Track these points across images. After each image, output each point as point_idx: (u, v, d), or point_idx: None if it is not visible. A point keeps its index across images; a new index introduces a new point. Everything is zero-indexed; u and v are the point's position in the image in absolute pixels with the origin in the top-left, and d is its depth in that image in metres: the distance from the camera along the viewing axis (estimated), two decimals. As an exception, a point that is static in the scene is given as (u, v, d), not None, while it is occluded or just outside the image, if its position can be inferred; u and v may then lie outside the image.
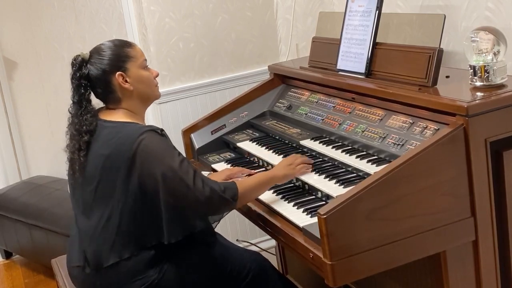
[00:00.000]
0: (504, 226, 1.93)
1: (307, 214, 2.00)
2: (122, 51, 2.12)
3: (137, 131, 2.02)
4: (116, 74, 2.09)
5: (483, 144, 1.83)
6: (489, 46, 1.93)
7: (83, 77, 2.09)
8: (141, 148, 1.98)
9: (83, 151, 2.06)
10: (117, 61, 2.10)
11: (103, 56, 2.10)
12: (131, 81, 2.11)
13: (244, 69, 3.51)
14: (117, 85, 2.10)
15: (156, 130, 2.04)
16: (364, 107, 2.30)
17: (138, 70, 2.13)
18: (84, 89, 2.09)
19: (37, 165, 4.49)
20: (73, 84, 2.11)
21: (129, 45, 2.16)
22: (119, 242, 2.03)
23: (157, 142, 2.01)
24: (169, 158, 1.99)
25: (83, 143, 2.06)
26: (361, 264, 1.73)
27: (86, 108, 2.09)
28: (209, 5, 3.36)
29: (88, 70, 2.09)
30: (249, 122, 2.86)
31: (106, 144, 2.04)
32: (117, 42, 2.16)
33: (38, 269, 3.97)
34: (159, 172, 1.97)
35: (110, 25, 3.66)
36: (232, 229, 3.50)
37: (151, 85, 2.19)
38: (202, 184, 1.98)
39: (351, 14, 2.47)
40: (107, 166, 2.02)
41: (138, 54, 2.15)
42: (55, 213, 3.61)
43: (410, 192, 1.76)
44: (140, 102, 2.16)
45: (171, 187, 1.98)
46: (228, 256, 2.20)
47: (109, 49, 2.12)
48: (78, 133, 2.07)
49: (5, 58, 4.34)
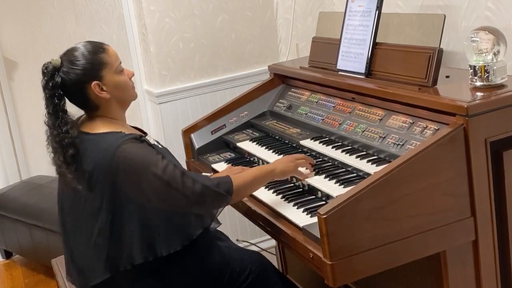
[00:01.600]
0: (504, 226, 1.93)
1: (307, 214, 2.00)
2: (96, 58, 2.01)
3: (115, 142, 1.95)
4: (92, 84, 2.00)
5: (483, 144, 1.83)
6: (489, 46, 1.93)
7: (56, 87, 1.98)
8: (122, 161, 1.92)
9: (71, 165, 1.97)
10: (92, 70, 2.00)
11: (77, 65, 1.99)
12: (108, 89, 2.02)
13: (244, 69, 3.51)
14: (93, 94, 2.01)
15: (135, 137, 1.98)
16: (364, 107, 2.30)
17: (113, 76, 2.03)
18: (58, 99, 1.99)
19: (37, 165, 4.49)
20: (46, 94, 2.01)
21: (103, 50, 2.04)
22: (111, 258, 1.98)
23: (137, 152, 1.94)
24: (152, 166, 1.92)
25: (69, 157, 1.96)
26: (361, 264, 1.73)
27: (63, 119, 1.98)
28: (209, 5, 3.36)
29: (61, 78, 1.99)
30: (249, 122, 2.86)
31: (87, 159, 1.96)
32: (90, 48, 2.03)
33: (38, 269, 3.97)
34: (146, 185, 1.92)
35: (110, 25, 3.66)
36: (232, 229, 3.50)
37: (128, 88, 2.10)
38: (192, 182, 1.94)
39: (351, 14, 2.47)
40: (92, 183, 1.96)
41: (113, 58, 2.05)
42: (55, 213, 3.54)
43: (410, 192, 1.76)
44: (118, 107, 2.09)
45: (160, 194, 1.93)
46: (228, 257, 2.20)
47: (82, 57, 2.00)
48: (60, 146, 1.97)
49: (5, 58, 4.35)
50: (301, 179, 2.18)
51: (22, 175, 4.46)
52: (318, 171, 2.21)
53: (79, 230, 2.06)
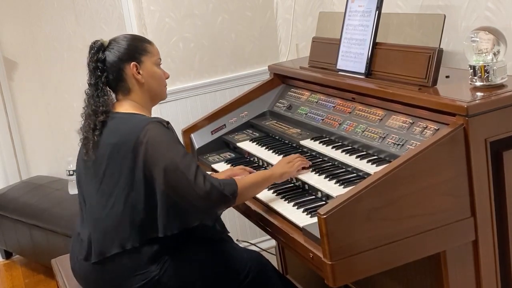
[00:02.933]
0: (504, 226, 1.93)
1: (307, 214, 2.00)
2: (141, 44, 2.20)
3: (144, 121, 2.07)
4: (131, 64, 2.15)
5: (483, 144, 1.83)
6: (489, 46, 1.93)
7: (100, 61, 2.14)
8: (147, 138, 2.02)
9: (98, 130, 2.10)
10: (134, 52, 2.17)
11: (122, 45, 2.17)
12: (144, 74, 2.17)
13: (244, 69, 3.51)
14: (129, 74, 2.16)
15: (162, 122, 2.08)
16: (364, 107, 2.30)
17: (152, 65, 2.19)
18: (100, 71, 2.14)
19: (37, 165, 4.49)
20: (90, 66, 2.16)
21: (148, 42, 2.23)
22: (121, 232, 2.05)
23: (162, 134, 2.05)
24: (172, 151, 2.02)
25: (99, 123, 2.10)
26: (361, 264, 1.73)
27: (102, 90, 2.14)
28: (209, 5, 3.36)
29: (105, 55, 2.15)
30: (249, 122, 2.86)
31: (113, 133, 2.08)
32: (138, 36, 2.27)
33: (38, 269, 3.97)
34: (162, 165, 1.99)
35: (110, 25, 3.66)
36: (232, 229, 3.49)
37: (162, 83, 2.24)
38: (203, 179, 1.99)
39: (351, 14, 2.47)
40: (113, 155, 2.06)
41: (155, 51, 2.22)
42: (55, 213, 3.61)
43: (410, 192, 1.76)
44: (148, 97, 2.21)
45: (172, 180, 1.99)
46: (228, 256, 2.20)
47: (128, 40, 2.19)
48: (94, 113, 2.11)
49: (5, 58, 4.34)
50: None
51: (22, 175, 4.45)
52: (318, 171, 2.21)
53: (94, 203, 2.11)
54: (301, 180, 2.20)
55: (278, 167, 2.22)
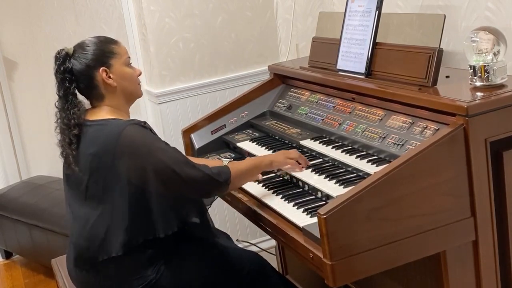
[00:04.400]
0: (504, 226, 1.93)
1: (307, 214, 2.00)
2: (107, 47, 2.13)
3: (121, 126, 2.02)
4: (100, 70, 2.09)
5: (483, 144, 1.83)
6: (489, 46, 1.93)
7: (67, 71, 2.08)
8: (126, 143, 1.98)
9: (74, 145, 2.06)
10: (101, 57, 2.10)
11: (87, 51, 2.10)
12: (115, 78, 2.11)
13: (244, 69, 3.51)
14: (100, 80, 2.10)
15: (139, 124, 2.05)
16: (364, 107, 2.30)
17: (121, 66, 2.14)
18: (68, 82, 2.08)
19: (37, 165, 4.49)
20: (57, 78, 2.10)
21: (114, 42, 2.16)
22: (109, 240, 2.02)
23: (141, 135, 2.02)
24: (156, 150, 2.00)
25: (73, 137, 2.05)
26: (361, 264, 1.73)
27: (72, 102, 2.08)
28: (209, 5, 3.36)
29: (72, 64, 2.09)
30: (249, 122, 2.86)
31: (91, 143, 2.04)
32: (102, 38, 2.17)
33: (38, 269, 3.97)
34: (150, 167, 1.97)
35: (110, 25, 3.66)
36: (232, 229, 3.50)
37: (134, 82, 2.19)
38: (193, 169, 2.00)
39: (351, 14, 2.47)
40: (94, 165, 2.02)
41: (122, 51, 2.16)
42: (55, 213, 3.61)
43: (410, 192, 1.76)
44: (123, 99, 2.16)
45: (164, 179, 1.98)
46: (226, 257, 2.20)
47: (93, 45, 2.12)
48: (67, 127, 2.06)
49: (5, 58, 4.35)
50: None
51: (22, 175, 4.45)
52: (318, 171, 2.21)
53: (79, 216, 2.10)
54: (301, 180, 2.20)
55: (272, 155, 2.25)
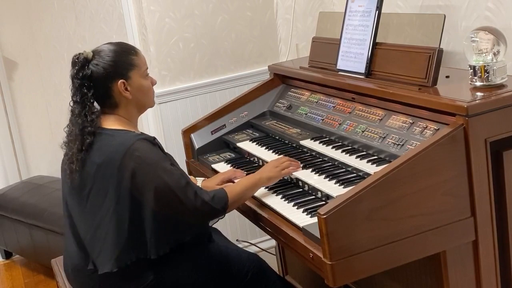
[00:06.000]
0: (504, 226, 1.93)
1: (307, 214, 2.00)
2: (127, 58, 2.09)
3: (130, 139, 2.00)
4: (119, 82, 2.06)
5: (483, 144, 1.83)
6: (489, 46, 1.93)
7: (85, 77, 2.04)
8: (134, 158, 1.96)
9: (84, 152, 2.02)
10: (121, 69, 2.07)
11: (107, 60, 2.06)
12: (131, 90, 2.09)
13: (244, 69, 3.51)
14: (116, 92, 2.08)
15: (149, 139, 2.03)
16: (364, 107, 2.30)
17: (140, 79, 2.11)
18: (87, 89, 2.04)
19: (37, 165, 4.49)
20: (75, 83, 2.06)
21: (134, 53, 2.12)
22: (105, 254, 2.01)
23: (150, 152, 1.99)
24: (161, 170, 1.97)
25: (87, 145, 2.02)
26: (361, 264, 1.73)
27: (90, 108, 2.04)
28: (209, 5, 3.36)
29: (91, 71, 2.04)
30: (249, 122, 2.86)
31: (98, 152, 2.02)
32: (124, 47, 2.12)
33: (38, 269, 3.97)
34: (152, 185, 1.95)
35: (110, 25, 3.66)
36: (232, 229, 3.50)
37: (150, 94, 2.18)
38: (194, 196, 1.99)
39: (351, 14, 2.47)
40: (99, 175, 2.00)
41: (142, 62, 2.13)
42: (55, 213, 3.60)
43: (410, 192, 1.76)
44: (136, 110, 2.15)
45: (163, 200, 1.97)
46: (225, 258, 2.20)
47: (114, 54, 2.07)
48: (81, 133, 2.02)
49: (5, 58, 4.34)
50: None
51: (22, 175, 4.45)
52: (318, 171, 2.21)
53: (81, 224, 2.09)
54: (301, 180, 2.20)
55: (265, 171, 2.20)
